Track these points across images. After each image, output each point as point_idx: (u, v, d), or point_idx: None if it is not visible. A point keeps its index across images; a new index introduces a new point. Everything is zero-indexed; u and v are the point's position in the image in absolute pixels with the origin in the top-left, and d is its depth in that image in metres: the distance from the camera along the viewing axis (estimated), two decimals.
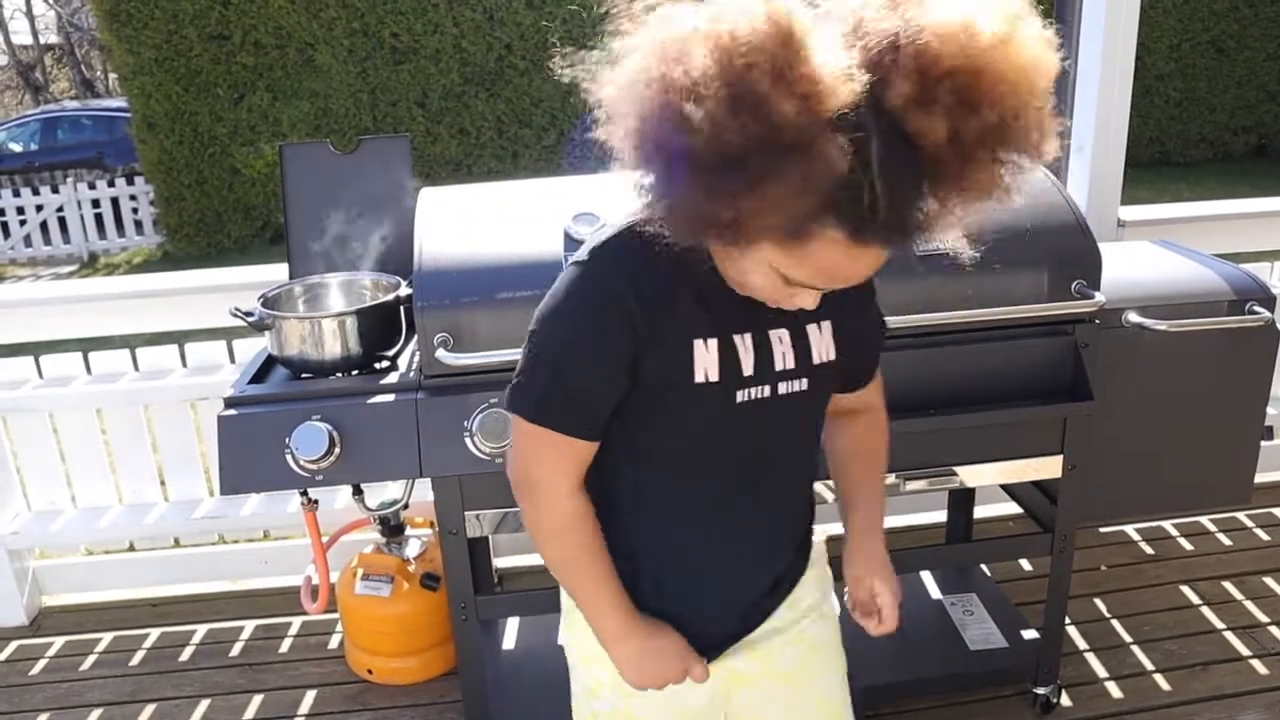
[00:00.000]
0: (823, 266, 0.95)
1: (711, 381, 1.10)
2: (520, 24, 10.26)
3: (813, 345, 1.16)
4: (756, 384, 1.13)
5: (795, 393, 1.16)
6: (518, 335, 1.78)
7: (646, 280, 1.06)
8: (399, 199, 2.17)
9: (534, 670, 2.35)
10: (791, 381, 1.15)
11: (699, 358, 1.09)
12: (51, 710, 2.44)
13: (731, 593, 1.27)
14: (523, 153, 10.75)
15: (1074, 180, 2.65)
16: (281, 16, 9.93)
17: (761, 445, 1.19)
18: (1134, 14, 2.44)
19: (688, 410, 1.13)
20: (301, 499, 2.04)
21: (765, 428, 1.17)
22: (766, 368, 1.13)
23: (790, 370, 1.14)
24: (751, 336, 1.11)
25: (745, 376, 1.12)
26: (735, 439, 1.17)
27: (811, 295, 1.04)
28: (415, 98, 10.39)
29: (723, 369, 1.10)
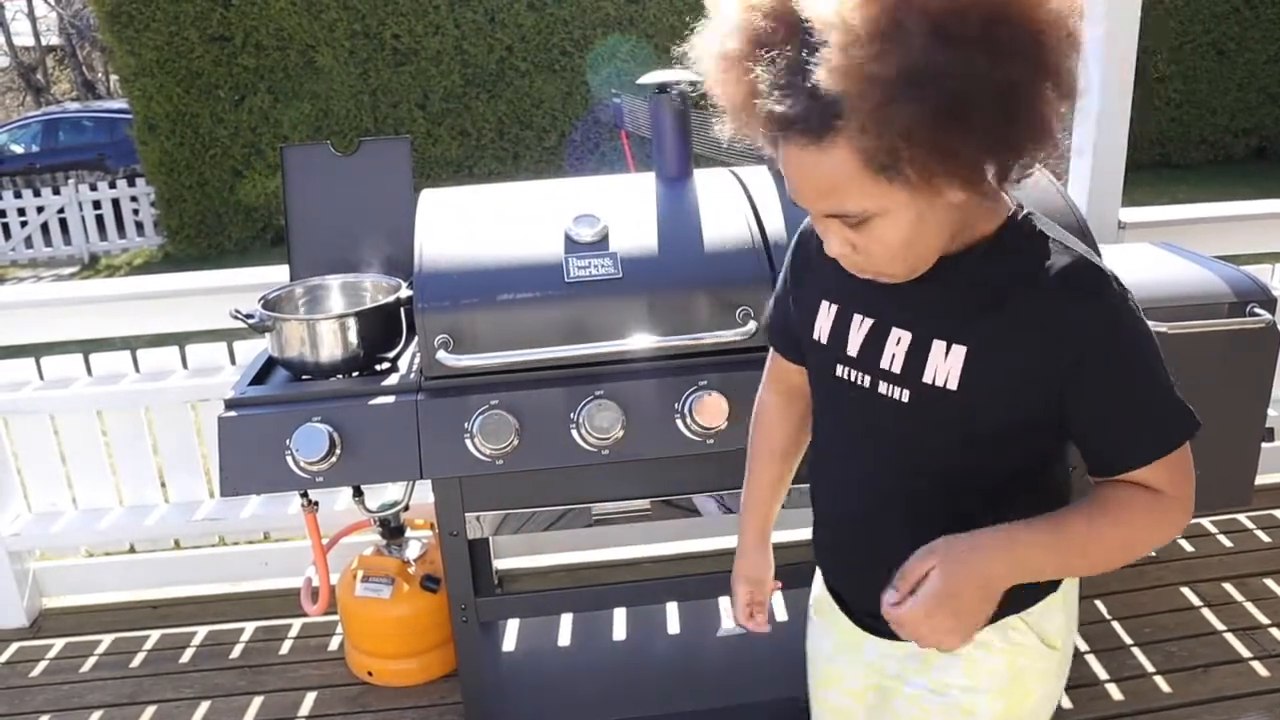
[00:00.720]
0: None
1: (821, 343, 1.17)
2: (521, 25, 10.26)
3: (929, 361, 1.05)
4: (858, 368, 1.12)
5: (893, 400, 1.09)
6: (519, 337, 1.79)
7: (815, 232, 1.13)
8: (400, 201, 2.17)
9: (534, 672, 2.35)
10: (892, 386, 1.09)
11: (820, 316, 1.17)
12: (52, 712, 2.44)
13: (840, 564, 1.30)
14: (523, 154, 10.76)
15: (1075, 182, 2.65)
16: (283, 18, 9.94)
17: (864, 435, 1.16)
18: (1135, 16, 2.44)
19: (812, 362, 1.22)
20: (302, 501, 2.04)
21: (866, 419, 1.14)
22: (872, 359, 1.10)
23: (894, 374, 1.08)
24: (873, 324, 1.11)
25: (848, 355, 1.13)
26: (843, 412, 1.19)
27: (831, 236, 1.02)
28: (416, 99, 10.39)
29: (831, 336, 1.15)
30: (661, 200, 1.96)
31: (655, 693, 2.24)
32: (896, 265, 1.02)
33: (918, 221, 0.96)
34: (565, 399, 1.77)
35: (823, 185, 0.95)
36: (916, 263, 1.02)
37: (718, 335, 1.79)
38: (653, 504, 1.92)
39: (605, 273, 1.80)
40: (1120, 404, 1.01)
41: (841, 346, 1.14)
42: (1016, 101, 0.88)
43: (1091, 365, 0.99)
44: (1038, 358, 1.00)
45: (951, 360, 1.04)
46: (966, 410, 1.05)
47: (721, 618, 2.50)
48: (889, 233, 0.97)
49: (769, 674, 2.29)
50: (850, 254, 1.02)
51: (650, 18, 10.39)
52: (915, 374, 1.06)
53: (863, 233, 0.98)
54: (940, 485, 1.11)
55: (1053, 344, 0.99)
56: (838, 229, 1.00)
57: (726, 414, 1.77)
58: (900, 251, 0.99)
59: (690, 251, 1.85)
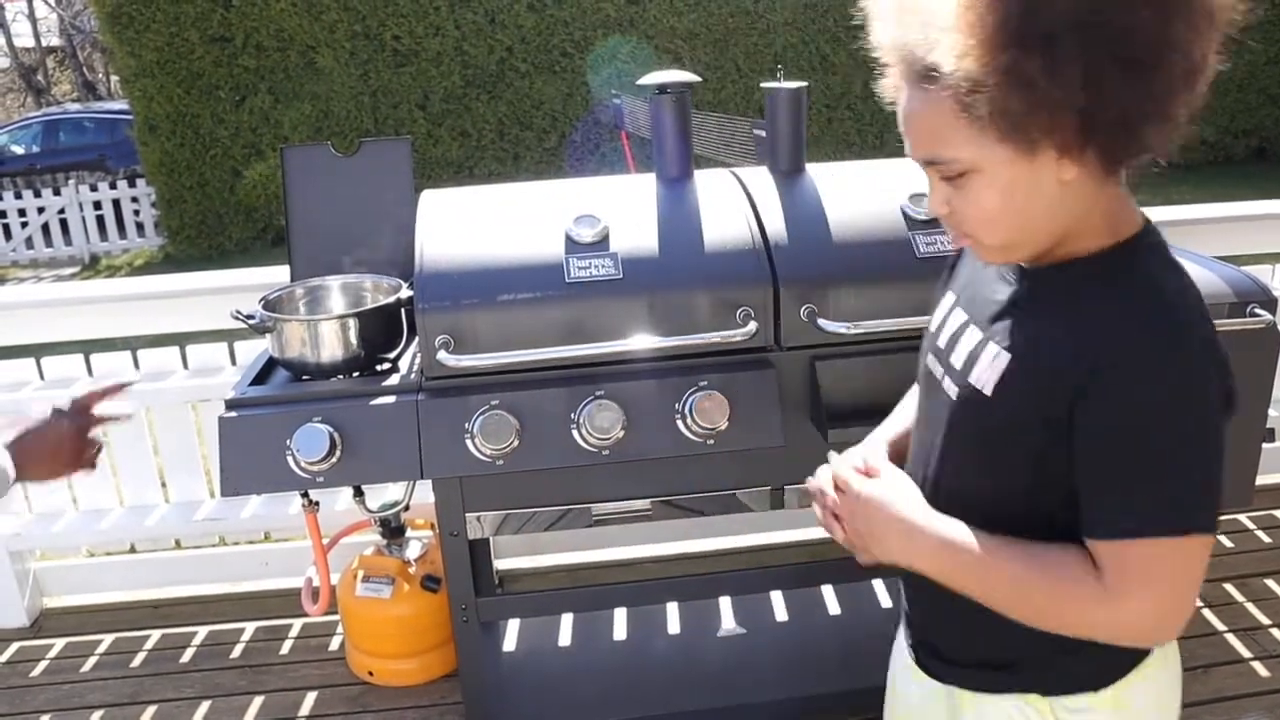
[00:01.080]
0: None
1: (929, 330, 1.19)
2: (522, 26, 10.26)
3: (979, 360, 1.03)
4: (939, 358, 1.13)
5: (946, 395, 1.08)
6: (519, 337, 1.79)
7: None
8: (400, 201, 2.18)
9: (535, 672, 2.35)
10: (949, 380, 1.09)
11: (940, 307, 1.19)
12: (53, 712, 2.44)
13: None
14: (524, 155, 10.76)
15: None
16: (283, 19, 9.94)
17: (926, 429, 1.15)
18: None
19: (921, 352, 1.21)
20: (302, 501, 2.04)
21: (929, 412, 1.14)
22: (949, 351, 1.11)
23: (955, 369, 1.08)
24: (964, 319, 1.10)
25: (937, 345, 1.14)
26: (921, 402, 1.19)
27: (932, 192, 1.00)
28: (416, 100, 10.39)
29: (936, 325, 1.17)
30: (662, 201, 1.96)
31: (656, 693, 2.24)
32: (988, 233, 0.98)
33: (1015, 188, 0.93)
34: (566, 399, 1.77)
35: (922, 129, 0.95)
36: (1012, 238, 0.97)
37: (718, 335, 1.79)
38: (653, 504, 1.92)
39: (606, 273, 1.80)
40: (1110, 459, 0.92)
41: (937, 336, 1.15)
42: (1127, 56, 0.85)
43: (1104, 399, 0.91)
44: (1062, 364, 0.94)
45: (996, 364, 1.01)
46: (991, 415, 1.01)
47: (722, 618, 2.50)
48: (984, 194, 0.94)
49: (769, 674, 2.29)
50: (946, 213, 1.00)
51: (651, 19, 10.39)
52: (967, 370, 1.05)
53: (960, 191, 0.96)
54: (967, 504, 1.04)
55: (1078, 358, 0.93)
56: (938, 185, 0.98)
57: (727, 414, 1.77)
58: (994, 217, 0.96)
59: (691, 252, 1.85)
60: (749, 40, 10.58)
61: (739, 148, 2.42)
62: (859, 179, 2.02)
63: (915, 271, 1.83)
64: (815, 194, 1.96)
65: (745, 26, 10.53)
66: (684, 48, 10.43)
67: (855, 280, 1.82)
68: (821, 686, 2.24)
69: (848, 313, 1.81)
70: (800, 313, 1.81)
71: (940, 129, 0.92)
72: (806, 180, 2.01)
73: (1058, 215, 0.96)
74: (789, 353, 1.85)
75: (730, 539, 2.99)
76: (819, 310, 1.80)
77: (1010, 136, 0.89)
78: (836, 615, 2.50)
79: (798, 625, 2.47)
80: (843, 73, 10.76)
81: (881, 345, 1.85)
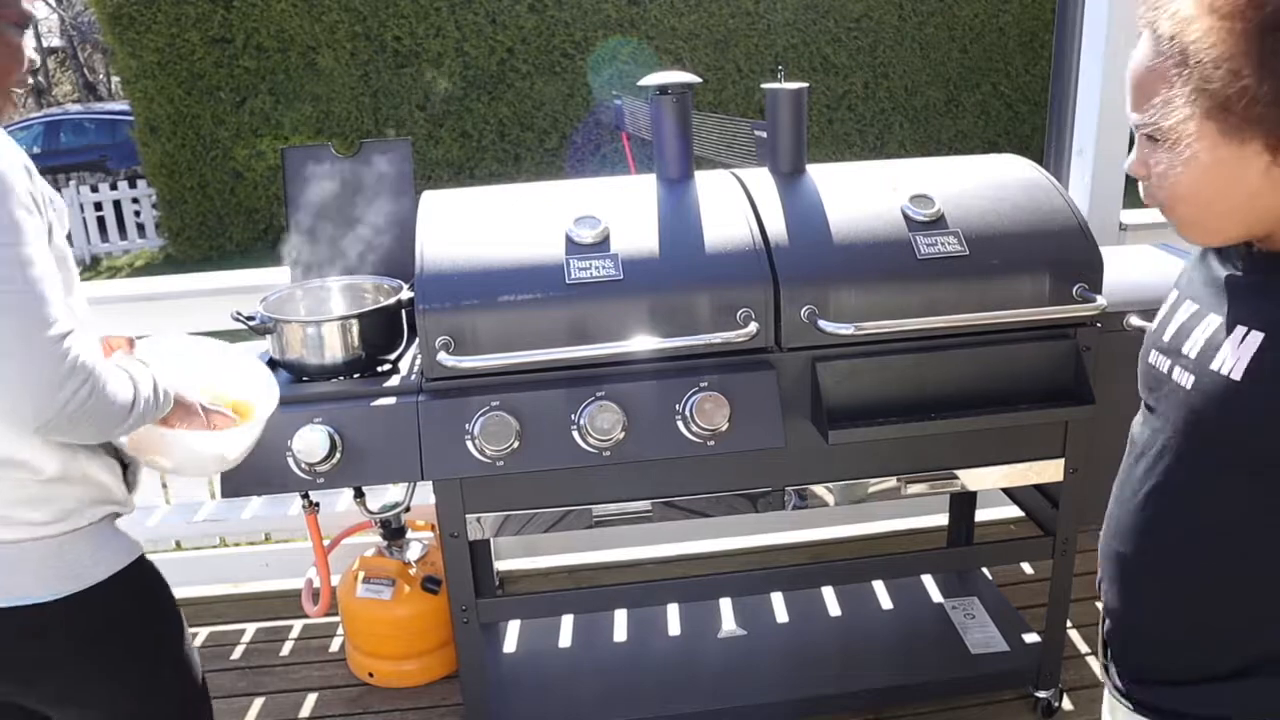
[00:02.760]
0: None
1: (1151, 327, 1.11)
2: (522, 27, 10.26)
3: (1224, 346, 0.94)
4: (1165, 352, 1.04)
5: (1179, 387, 0.99)
6: (520, 338, 1.79)
7: None
8: (400, 202, 2.18)
9: (535, 673, 2.35)
10: (1184, 372, 0.99)
11: (1164, 305, 1.11)
12: None
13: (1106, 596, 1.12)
14: (524, 156, 10.76)
15: (1076, 184, 2.65)
16: (284, 20, 9.94)
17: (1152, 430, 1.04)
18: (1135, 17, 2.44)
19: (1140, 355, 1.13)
20: (303, 502, 2.04)
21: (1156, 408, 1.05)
22: (1179, 342, 1.02)
23: (1189, 358, 0.99)
24: (1195, 309, 1.03)
25: (1162, 340, 1.06)
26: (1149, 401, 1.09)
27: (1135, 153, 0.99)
28: (417, 101, 10.40)
29: (1160, 321, 1.09)
30: (662, 202, 1.96)
31: (656, 694, 2.24)
32: (1183, 207, 0.96)
33: (1217, 169, 0.90)
34: (566, 400, 1.77)
35: (1142, 84, 0.95)
36: (1206, 218, 0.95)
37: (719, 336, 1.79)
38: (654, 505, 1.92)
39: (606, 274, 1.80)
40: None
41: (1162, 332, 1.07)
42: None
43: None
44: None
45: (1245, 347, 0.92)
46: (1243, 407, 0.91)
47: (722, 619, 2.50)
48: (1185, 167, 0.92)
49: (769, 675, 2.29)
50: (1145, 176, 0.98)
51: (651, 20, 10.39)
52: (1207, 357, 0.96)
53: (1155, 158, 0.96)
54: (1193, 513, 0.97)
55: None
56: (1142, 145, 0.98)
57: (728, 415, 1.77)
58: (1190, 193, 0.94)
59: (691, 253, 1.85)
60: (749, 41, 10.58)
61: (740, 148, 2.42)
62: (859, 179, 2.02)
63: (916, 273, 1.83)
64: (816, 195, 1.96)
65: (746, 27, 10.53)
66: (684, 48, 10.43)
67: (856, 281, 1.82)
68: (822, 688, 2.24)
69: (848, 314, 1.81)
70: (801, 314, 1.81)
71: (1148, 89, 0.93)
72: (807, 181, 2.01)
73: (1255, 207, 0.92)
74: (790, 354, 1.85)
75: (731, 540, 3.00)
76: (820, 311, 1.80)
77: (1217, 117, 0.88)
78: (837, 617, 2.50)
79: (798, 627, 2.47)
80: (843, 73, 10.76)
81: (882, 346, 1.85)
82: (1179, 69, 0.88)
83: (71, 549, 1.28)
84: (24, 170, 1.19)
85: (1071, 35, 2.58)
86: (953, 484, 2.00)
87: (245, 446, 1.46)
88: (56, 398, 1.11)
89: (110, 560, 1.33)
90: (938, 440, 1.93)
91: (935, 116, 11.21)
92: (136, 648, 1.38)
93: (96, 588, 1.29)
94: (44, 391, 1.11)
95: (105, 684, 1.34)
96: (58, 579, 1.26)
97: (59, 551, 1.27)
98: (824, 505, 2.00)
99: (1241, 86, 0.85)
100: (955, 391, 1.89)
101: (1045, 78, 10.22)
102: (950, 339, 1.87)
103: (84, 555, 1.29)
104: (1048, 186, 2.00)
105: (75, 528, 1.28)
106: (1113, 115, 2.53)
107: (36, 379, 1.10)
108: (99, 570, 1.30)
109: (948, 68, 11.03)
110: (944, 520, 2.80)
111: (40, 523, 1.25)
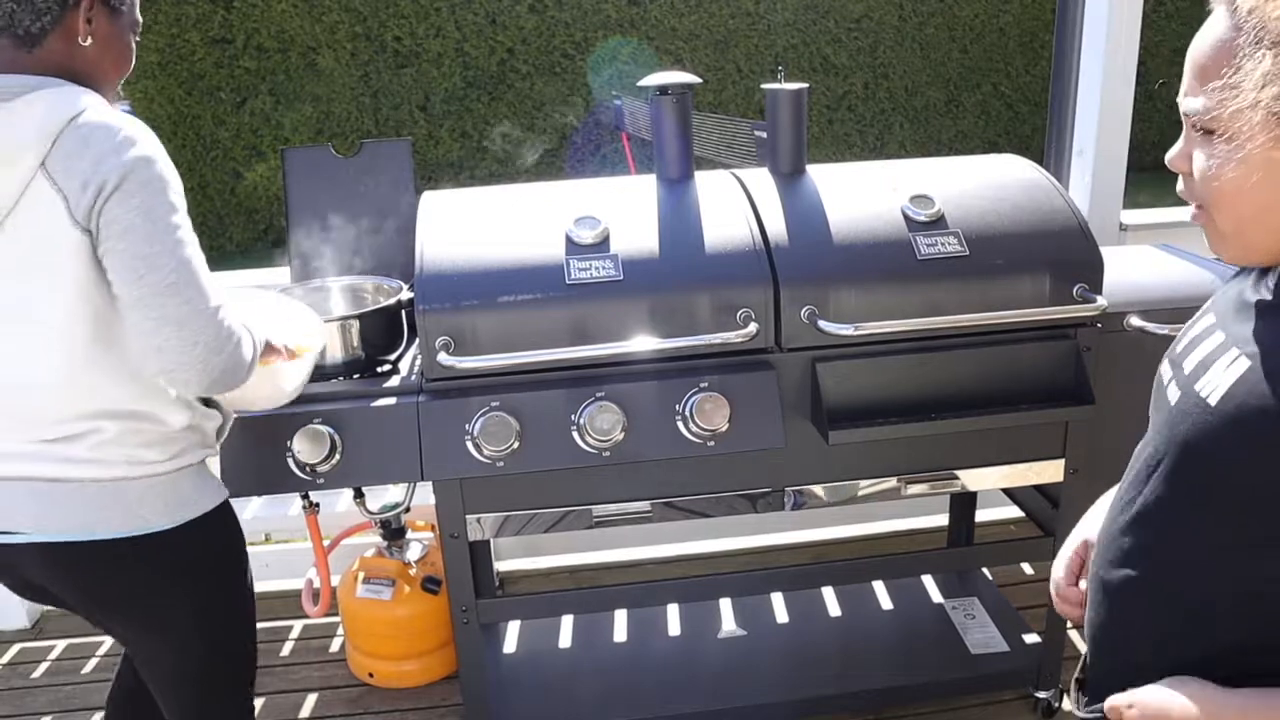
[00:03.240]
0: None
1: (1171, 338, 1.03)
2: (523, 28, 10.27)
3: (1214, 365, 0.88)
4: (1172, 362, 0.97)
5: (1167, 403, 0.94)
6: (520, 338, 1.79)
7: None
8: (401, 202, 2.18)
9: (535, 674, 2.35)
10: (1174, 385, 0.94)
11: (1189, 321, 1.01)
12: (53, 713, 2.44)
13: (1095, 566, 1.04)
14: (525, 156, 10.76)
15: (1076, 184, 2.65)
16: (284, 20, 9.94)
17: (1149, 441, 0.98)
18: (1136, 18, 2.44)
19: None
20: (303, 502, 2.04)
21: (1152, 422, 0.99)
22: (1185, 354, 0.95)
23: (1185, 372, 0.93)
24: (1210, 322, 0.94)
25: (1174, 351, 0.98)
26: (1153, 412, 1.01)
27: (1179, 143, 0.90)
28: (417, 101, 10.40)
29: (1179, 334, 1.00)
30: (662, 202, 1.96)
31: (656, 695, 2.24)
32: (1224, 215, 0.87)
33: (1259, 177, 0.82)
34: (566, 401, 1.77)
35: (1196, 62, 0.85)
36: (1249, 231, 0.86)
37: (719, 337, 1.79)
38: (654, 506, 1.92)
39: (606, 275, 1.80)
40: None
41: (1178, 342, 0.99)
42: None
43: None
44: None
45: (1230, 372, 0.85)
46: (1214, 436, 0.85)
47: (722, 620, 2.50)
48: (1226, 168, 0.83)
49: (769, 676, 2.29)
50: (1186, 169, 0.90)
51: (651, 20, 10.39)
52: (1196, 377, 0.90)
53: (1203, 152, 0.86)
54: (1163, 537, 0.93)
55: None
56: (1190, 136, 0.88)
57: (727, 416, 1.77)
58: (1228, 199, 0.85)
59: (691, 253, 1.85)
60: (750, 41, 10.58)
61: (740, 149, 2.42)
62: (859, 180, 2.02)
63: (916, 273, 1.83)
64: (816, 195, 1.96)
65: (746, 28, 10.53)
66: (685, 49, 10.43)
67: (856, 281, 1.82)
68: (822, 688, 2.24)
69: (849, 314, 1.81)
70: (801, 314, 1.81)
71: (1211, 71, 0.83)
72: (807, 181, 2.01)
73: None
74: (790, 354, 1.85)
75: (731, 540, 3.00)
76: (820, 312, 1.80)
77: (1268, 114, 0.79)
78: (837, 617, 2.50)
79: (798, 627, 2.47)
80: (843, 73, 10.76)
81: (882, 347, 1.85)
82: (1254, 48, 0.79)
83: (183, 484, 1.43)
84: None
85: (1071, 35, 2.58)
86: (953, 484, 2.00)
87: (302, 379, 1.65)
88: (214, 363, 1.29)
89: (213, 495, 1.48)
90: (938, 440, 1.93)
91: (935, 117, 11.20)
92: (220, 581, 1.52)
93: (194, 522, 1.44)
94: (208, 357, 1.28)
95: (189, 611, 1.47)
96: (169, 510, 1.41)
97: (173, 486, 1.41)
98: (824, 505, 2.00)
99: None
100: (956, 392, 1.89)
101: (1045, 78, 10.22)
102: (951, 339, 1.87)
103: (190, 491, 1.44)
104: (1048, 186, 2.00)
105: (185, 465, 1.43)
106: (1113, 115, 2.53)
107: (204, 347, 1.27)
108: (205, 502, 1.46)
109: (948, 68, 11.03)
110: (944, 520, 2.80)
111: (155, 460, 1.39)
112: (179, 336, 1.26)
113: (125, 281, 1.25)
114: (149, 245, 1.24)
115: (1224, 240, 0.90)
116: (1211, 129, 0.84)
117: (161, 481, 1.40)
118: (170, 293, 1.25)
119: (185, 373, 1.28)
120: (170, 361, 1.27)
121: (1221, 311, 0.94)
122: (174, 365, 1.27)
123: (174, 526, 1.41)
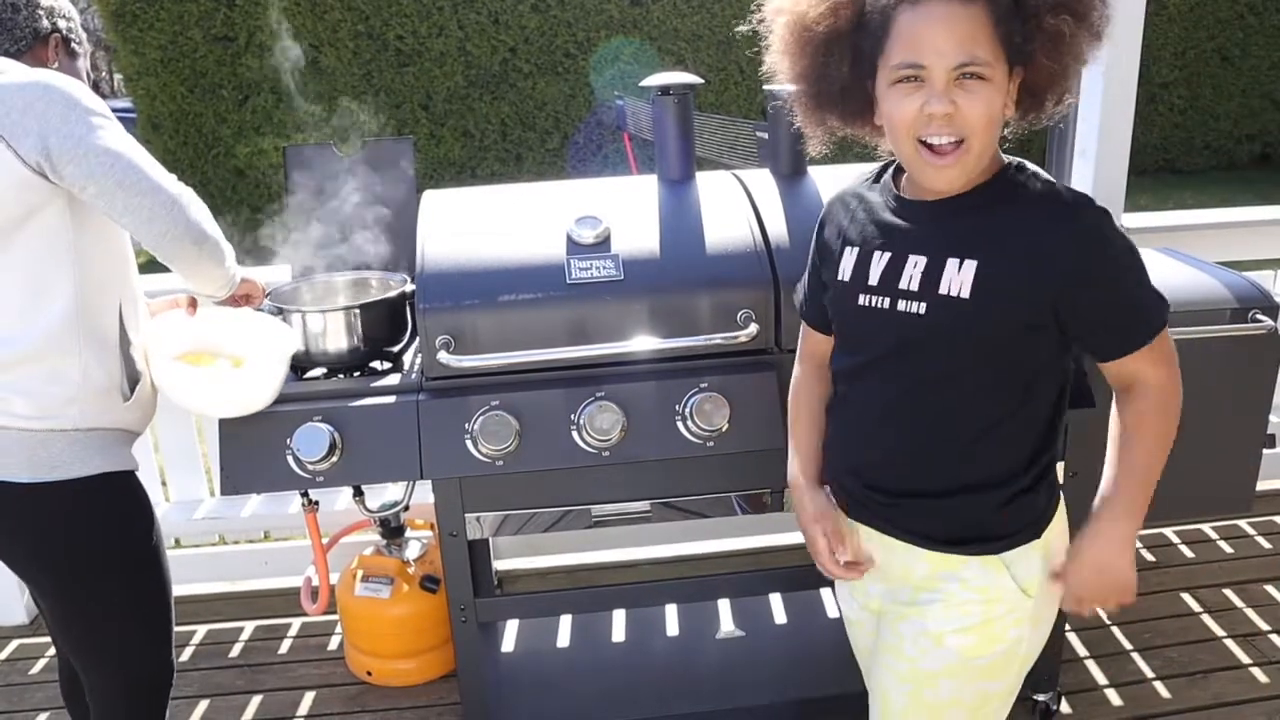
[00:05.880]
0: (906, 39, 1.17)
1: (845, 280, 1.36)
2: (525, 27, 10.27)
3: (944, 277, 1.24)
4: (878, 293, 1.31)
5: (911, 314, 1.27)
6: (520, 338, 1.79)
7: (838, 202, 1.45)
8: (402, 201, 2.18)
9: (533, 673, 2.35)
10: (910, 302, 1.27)
11: (844, 260, 1.37)
12: (51, 710, 2.44)
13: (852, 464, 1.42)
14: (526, 156, 10.76)
15: (1078, 184, 2.65)
16: (287, 18, 9.95)
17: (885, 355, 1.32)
18: (1138, 21, 2.44)
19: (835, 304, 1.40)
20: (302, 500, 2.04)
21: (886, 338, 1.31)
22: (891, 282, 1.29)
23: (912, 292, 1.27)
24: (890, 256, 1.30)
25: (869, 285, 1.32)
26: (864, 338, 1.35)
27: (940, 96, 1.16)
28: (419, 100, 10.40)
29: (854, 273, 1.35)
30: (663, 202, 1.96)
31: (654, 695, 2.24)
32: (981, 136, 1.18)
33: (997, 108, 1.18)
34: (566, 400, 1.77)
35: (964, 34, 1.14)
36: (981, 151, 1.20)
37: (719, 337, 1.79)
38: (653, 506, 1.92)
39: (607, 274, 1.80)
40: (1117, 302, 1.23)
41: (863, 279, 1.33)
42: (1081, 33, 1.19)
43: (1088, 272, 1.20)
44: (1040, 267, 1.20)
45: (964, 274, 1.23)
46: (979, 314, 1.23)
47: (721, 620, 2.50)
48: (983, 105, 1.16)
49: (768, 676, 2.29)
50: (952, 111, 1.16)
51: (653, 20, 10.39)
52: (931, 288, 1.25)
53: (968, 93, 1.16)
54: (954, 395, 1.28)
55: (1051, 255, 1.19)
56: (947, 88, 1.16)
57: (727, 416, 1.77)
58: (983, 126, 1.17)
59: (692, 254, 1.85)
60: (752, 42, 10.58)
61: (741, 150, 2.42)
62: None
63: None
64: (817, 196, 1.96)
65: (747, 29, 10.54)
66: (687, 49, 10.44)
67: None
68: (820, 689, 2.23)
69: None
70: None
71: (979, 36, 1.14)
72: (808, 182, 2.01)
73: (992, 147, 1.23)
74: (790, 355, 1.85)
75: (730, 541, 3.00)
76: None
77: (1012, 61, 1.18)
78: (835, 618, 2.50)
79: (796, 628, 2.47)
80: None
81: None
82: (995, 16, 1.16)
83: (54, 444, 1.52)
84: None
85: None
86: None
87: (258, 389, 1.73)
88: (179, 214, 1.53)
89: (90, 465, 1.55)
90: None
91: None
92: (95, 553, 1.58)
93: (65, 484, 1.52)
94: (175, 208, 1.52)
95: (50, 572, 1.57)
96: (31, 466, 1.50)
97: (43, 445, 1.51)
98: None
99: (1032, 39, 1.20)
100: None
101: None
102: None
103: (60, 453, 1.52)
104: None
105: (60, 428, 1.52)
106: (1114, 119, 2.53)
107: (169, 201, 1.51)
108: (75, 468, 1.53)
109: None
110: None
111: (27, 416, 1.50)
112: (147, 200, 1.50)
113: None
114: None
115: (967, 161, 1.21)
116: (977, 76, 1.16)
117: (31, 438, 1.50)
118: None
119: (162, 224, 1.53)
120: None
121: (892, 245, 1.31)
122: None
123: (34, 482, 1.50)
